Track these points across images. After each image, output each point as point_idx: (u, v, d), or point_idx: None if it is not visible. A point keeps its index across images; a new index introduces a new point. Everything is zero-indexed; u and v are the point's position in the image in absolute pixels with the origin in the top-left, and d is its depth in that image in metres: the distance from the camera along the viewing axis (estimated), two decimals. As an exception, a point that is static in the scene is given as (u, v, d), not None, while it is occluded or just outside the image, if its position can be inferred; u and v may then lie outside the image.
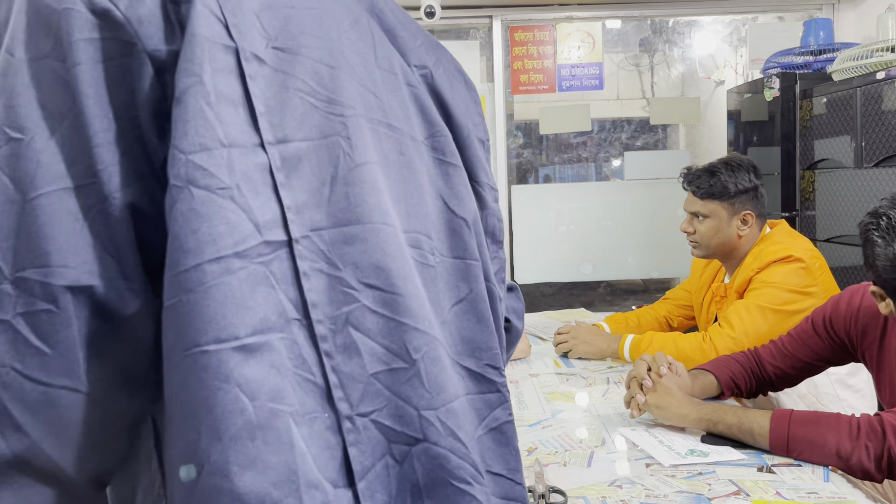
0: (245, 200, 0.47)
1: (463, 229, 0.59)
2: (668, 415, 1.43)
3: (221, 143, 0.46)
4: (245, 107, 0.48)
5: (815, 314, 1.56)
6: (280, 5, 0.51)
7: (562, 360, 2.05)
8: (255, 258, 0.47)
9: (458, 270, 0.59)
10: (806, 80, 3.20)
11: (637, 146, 4.74)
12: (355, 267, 0.50)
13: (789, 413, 1.31)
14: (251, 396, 0.45)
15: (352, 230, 0.51)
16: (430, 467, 0.51)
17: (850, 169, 2.84)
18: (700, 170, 2.00)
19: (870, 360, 1.46)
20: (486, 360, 0.59)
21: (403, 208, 0.55)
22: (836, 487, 1.19)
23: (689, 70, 4.68)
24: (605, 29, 4.11)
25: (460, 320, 0.58)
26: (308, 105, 0.50)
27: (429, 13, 3.49)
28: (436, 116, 0.60)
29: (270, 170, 0.48)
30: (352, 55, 0.54)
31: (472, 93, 0.69)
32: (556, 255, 4.06)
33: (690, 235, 2.02)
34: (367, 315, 0.50)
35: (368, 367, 0.50)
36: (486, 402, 0.59)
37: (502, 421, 0.59)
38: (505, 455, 0.59)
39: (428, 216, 0.57)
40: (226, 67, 0.47)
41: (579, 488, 1.21)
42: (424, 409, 0.52)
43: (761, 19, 4.15)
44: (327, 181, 0.50)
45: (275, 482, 0.45)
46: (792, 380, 1.61)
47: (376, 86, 0.55)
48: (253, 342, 0.46)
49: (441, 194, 0.59)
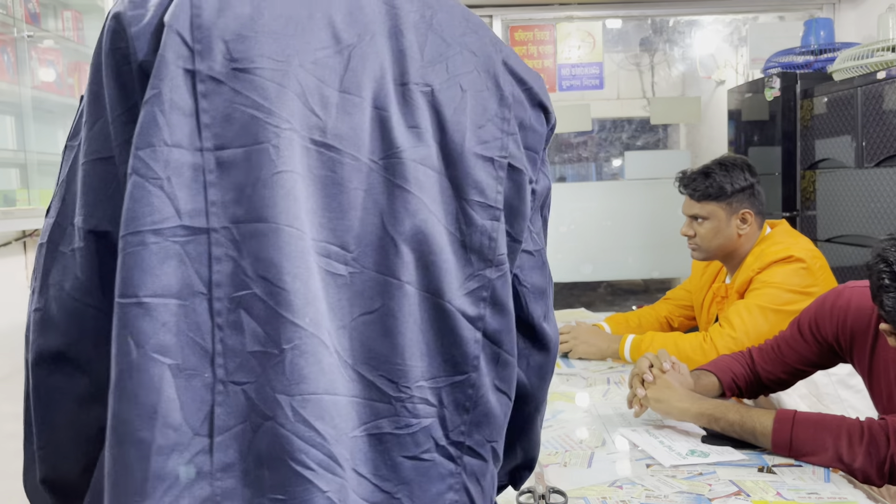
0: (172, 190, 0.58)
1: (391, 248, 0.64)
2: (667, 409, 1.43)
3: (165, 143, 0.58)
4: (195, 117, 0.59)
5: (801, 318, 1.53)
6: (252, 33, 0.61)
7: (562, 361, 2.05)
8: (169, 237, 0.58)
9: (376, 284, 0.64)
10: (807, 79, 3.20)
11: (637, 146, 4.74)
12: (255, 259, 0.59)
13: (792, 414, 1.30)
14: (138, 344, 0.57)
15: (259, 227, 0.59)
16: (273, 444, 0.58)
17: (850, 169, 2.84)
18: (695, 172, 2.00)
19: (860, 365, 1.45)
20: (382, 372, 0.64)
21: (318, 219, 0.62)
22: (836, 488, 1.19)
23: (690, 70, 4.68)
24: (606, 28, 4.11)
25: (366, 329, 0.64)
26: (249, 116, 0.60)
27: (429, 13, 3.49)
28: (399, 139, 0.65)
29: (203, 170, 0.59)
30: (307, 78, 0.62)
31: (504, 109, 0.71)
32: (556, 255, 4.05)
33: (691, 239, 2.02)
34: (256, 302, 0.59)
35: (248, 345, 0.59)
36: (373, 409, 0.64)
37: (385, 431, 0.65)
38: (377, 462, 0.64)
39: (350, 230, 0.63)
40: (183, 85, 0.59)
41: (580, 489, 1.21)
42: (280, 393, 0.58)
43: (762, 19, 4.15)
44: (252, 182, 0.59)
45: (139, 414, 0.56)
46: (785, 383, 1.60)
47: (325, 107, 0.63)
48: (150, 302, 0.57)
49: (381, 212, 0.64)
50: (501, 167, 0.70)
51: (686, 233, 2.02)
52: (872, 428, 1.23)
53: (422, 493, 0.67)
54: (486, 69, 0.71)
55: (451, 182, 0.68)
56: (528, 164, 0.73)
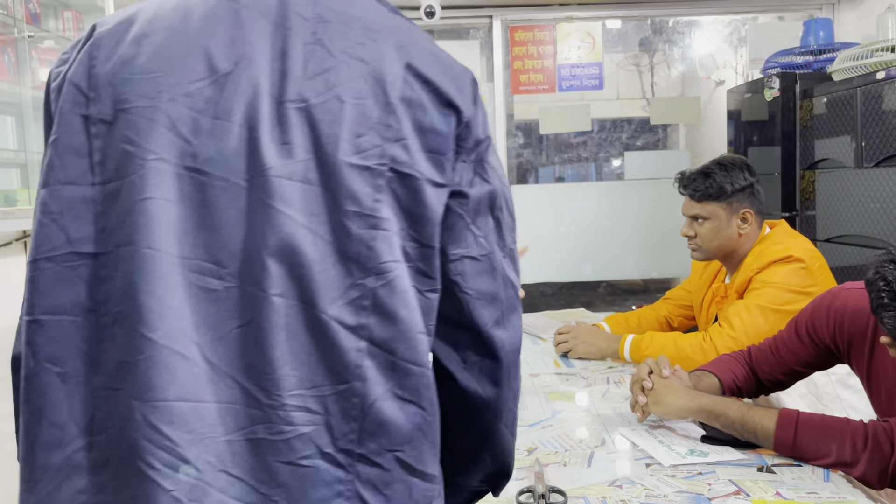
0: (65, 222, 0.69)
1: (257, 263, 0.68)
2: (666, 408, 1.43)
3: (59, 182, 0.70)
4: (88, 157, 0.70)
5: (798, 320, 1.53)
6: (133, 75, 0.71)
7: (562, 360, 2.06)
8: (62, 262, 0.69)
9: (246, 298, 0.68)
10: (806, 80, 3.20)
11: (637, 146, 4.74)
12: (124, 279, 0.67)
13: (795, 416, 1.30)
14: (33, 355, 0.69)
15: (127, 250, 0.68)
16: (129, 445, 0.66)
17: (850, 169, 2.84)
18: (694, 173, 1.99)
19: (858, 368, 1.44)
20: (255, 381, 0.68)
21: (192, 239, 0.69)
22: (836, 487, 1.20)
23: (689, 70, 4.68)
24: (605, 29, 4.11)
25: (241, 340, 0.69)
26: (124, 152, 0.69)
27: (429, 13, 3.49)
28: (267, 157, 0.69)
29: (95, 202, 0.70)
30: (179, 110, 0.70)
31: (388, 115, 0.71)
32: (556, 255, 4.06)
33: (692, 239, 2.01)
34: (124, 317, 0.67)
35: (119, 356, 0.67)
36: (249, 415, 0.69)
37: (260, 436, 0.68)
38: (254, 465, 0.68)
39: (224, 248, 0.69)
40: (80, 128, 0.71)
41: (579, 488, 1.22)
42: (134, 400, 0.66)
43: (761, 19, 4.15)
44: (125, 210, 0.68)
45: (31, 413, 0.69)
46: (784, 384, 1.60)
47: (197, 135, 0.69)
48: (43, 319, 0.69)
49: (249, 229, 0.69)
50: (381, 175, 0.70)
51: (686, 233, 2.02)
52: (877, 433, 1.23)
53: (301, 497, 0.69)
54: (374, 77, 0.71)
55: (329, 194, 0.70)
56: (430, 168, 0.72)
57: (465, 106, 0.74)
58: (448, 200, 0.74)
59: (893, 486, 1.24)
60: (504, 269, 0.79)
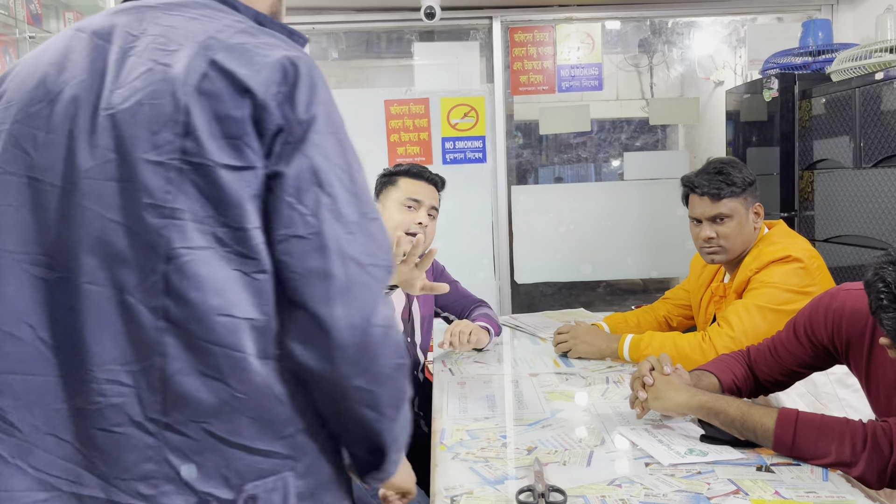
0: None
1: (73, 255, 0.81)
2: (666, 404, 1.43)
3: None
4: None
5: (797, 320, 1.53)
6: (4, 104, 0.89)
7: (561, 360, 2.06)
8: None
9: (68, 286, 0.82)
10: (805, 80, 3.21)
11: (636, 146, 4.74)
12: None
13: (795, 416, 1.30)
14: None
15: None
16: None
17: (848, 169, 2.85)
18: (707, 173, 1.95)
19: (857, 368, 1.44)
20: (75, 357, 0.82)
21: (33, 237, 0.83)
22: (834, 487, 1.20)
23: (689, 71, 4.68)
24: (605, 30, 4.12)
25: (67, 322, 0.82)
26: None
27: (429, 14, 3.50)
28: (81, 161, 0.81)
29: None
30: (22, 129, 0.85)
31: (178, 113, 0.79)
32: (556, 255, 4.06)
33: (712, 241, 1.95)
34: None
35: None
36: (73, 388, 0.82)
37: (80, 406, 0.82)
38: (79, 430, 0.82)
39: (54, 244, 0.82)
40: None
41: (579, 487, 1.22)
42: None
43: (760, 20, 4.15)
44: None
45: None
46: (782, 385, 1.61)
47: (36, 148, 0.84)
48: None
49: (68, 226, 0.82)
50: (172, 168, 0.78)
51: (707, 235, 1.95)
52: (876, 433, 1.23)
53: (115, 459, 0.81)
54: (173, 78, 0.79)
55: (131, 188, 0.79)
56: (225, 154, 0.78)
57: (260, 90, 0.79)
58: (267, 182, 0.79)
59: (892, 486, 1.24)
60: (341, 246, 0.80)
